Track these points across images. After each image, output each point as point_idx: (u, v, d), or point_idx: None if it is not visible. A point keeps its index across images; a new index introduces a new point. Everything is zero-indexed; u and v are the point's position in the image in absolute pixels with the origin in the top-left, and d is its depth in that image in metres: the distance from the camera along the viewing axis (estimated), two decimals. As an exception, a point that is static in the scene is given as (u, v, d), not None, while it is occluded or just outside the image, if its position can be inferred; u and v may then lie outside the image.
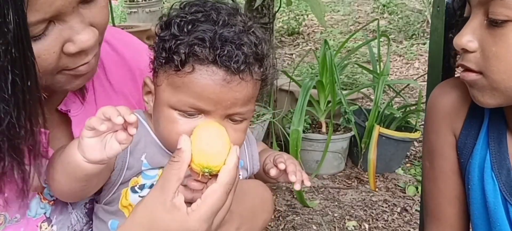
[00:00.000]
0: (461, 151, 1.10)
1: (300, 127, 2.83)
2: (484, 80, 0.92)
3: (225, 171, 0.83)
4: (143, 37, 4.08)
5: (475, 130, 1.08)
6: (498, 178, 1.02)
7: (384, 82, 3.39)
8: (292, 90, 3.60)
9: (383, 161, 3.32)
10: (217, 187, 0.82)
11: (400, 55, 5.82)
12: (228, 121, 0.90)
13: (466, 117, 1.09)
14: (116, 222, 0.94)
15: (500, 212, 1.02)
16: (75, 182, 0.84)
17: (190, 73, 0.85)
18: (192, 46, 0.84)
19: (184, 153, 0.82)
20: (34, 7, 0.72)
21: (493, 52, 0.89)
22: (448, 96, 1.11)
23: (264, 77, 0.92)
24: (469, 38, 0.92)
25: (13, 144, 0.76)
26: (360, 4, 7.75)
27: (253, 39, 0.88)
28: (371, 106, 3.56)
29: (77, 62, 0.84)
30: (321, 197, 3.24)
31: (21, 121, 0.75)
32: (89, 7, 0.82)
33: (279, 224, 2.95)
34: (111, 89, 1.07)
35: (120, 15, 7.60)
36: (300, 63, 4.85)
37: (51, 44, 0.79)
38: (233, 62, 0.84)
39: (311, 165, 3.43)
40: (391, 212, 3.09)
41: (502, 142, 1.03)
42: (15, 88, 0.72)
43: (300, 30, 6.81)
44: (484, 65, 0.91)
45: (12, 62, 0.71)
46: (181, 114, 0.88)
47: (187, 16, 0.88)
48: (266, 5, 3.41)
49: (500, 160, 1.03)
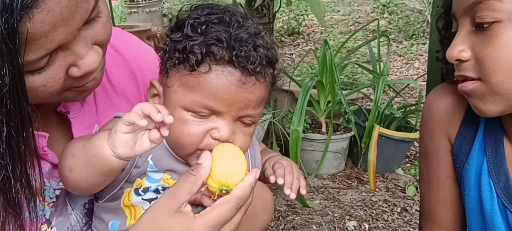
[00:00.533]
0: (457, 156, 1.10)
1: (300, 127, 2.82)
2: (483, 86, 0.92)
3: (240, 186, 0.84)
4: (143, 37, 4.08)
5: (470, 136, 1.08)
6: (496, 184, 1.02)
7: (384, 82, 3.39)
8: (292, 90, 3.60)
9: (383, 161, 3.32)
10: (228, 198, 0.83)
11: (400, 55, 5.82)
12: (239, 124, 0.90)
13: (461, 122, 1.09)
14: (117, 223, 0.94)
15: (497, 219, 1.02)
16: (97, 175, 0.84)
17: (205, 73, 0.85)
18: (209, 45, 0.84)
19: (203, 169, 0.83)
20: (34, 46, 0.71)
21: (486, 55, 0.90)
22: (443, 101, 1.11)
23: (275, 81, 0.93)
24: (461, 48, 0.93)
25: (8, 198, 0.74)
26: (360, 4, 7.75)
27: (266, 43, 0.89)
28: (371, 106, 3.56)
29: (83, 81, 0.84)
30: (321, 197, 3.24)
31: (17, 174, 0.73)
32: (91, 27, 0.80)
33: (279, 224, 2.95)
34: (112, 90, 1.07)
35: (120, 15, 7.59)
36: (300, 63, 4.85)
37: (55, 72, 0.78)
38: (249, 63, 0.85)
39: (311, 165, 3.43)
40: (391, 212, 3.09)
41: (499, 148, 1.03)
42: (11, 141, 0.71)
43: (300, 30, 6.80)
44: (481, 70, 0.91)
45: (7, 114, 0.69)
46: (194, 115, 0.88)
47: (200, 17, 0.88)
48: (266, 5, 3.41)
49: (498, 167, 1.02)
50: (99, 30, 0.82)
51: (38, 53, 0.72)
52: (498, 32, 0.88)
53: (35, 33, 0.70)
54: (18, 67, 0.68)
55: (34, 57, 0.72)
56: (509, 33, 0.88)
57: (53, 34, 0.72)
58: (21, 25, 0.67)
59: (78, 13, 0.74)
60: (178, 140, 0.89)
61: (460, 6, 0.93)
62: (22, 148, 0.73)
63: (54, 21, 0.71)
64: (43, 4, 0.69)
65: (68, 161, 0.85)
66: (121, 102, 1.07)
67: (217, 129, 0.87)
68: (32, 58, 0.72)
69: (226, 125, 0.87)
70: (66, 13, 0.72)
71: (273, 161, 1.04)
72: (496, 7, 0.87)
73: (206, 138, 0.88)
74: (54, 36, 0.72)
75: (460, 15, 0.94)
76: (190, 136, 0.87)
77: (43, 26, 0.70)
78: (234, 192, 0.83)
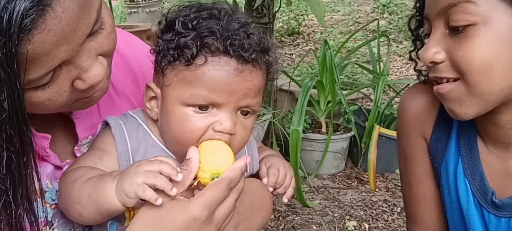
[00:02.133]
0: (433, 155, 1.10)
1: (300, 127, 2.82)
2: (462, 86, 0.91)
3: (230, 169, 0.85)
4: (143, 37, 4.07)
5: (445, 135, 1.08)
6: (471, 183, 1.03)
7: (384, 82, 3.39)
8: (292, 90, 3.60)
9: (383, 161, 3.32)
10: (220, 179, 0.84)
11: (400, 55, 5.82)
12: (239, 115, 0.91)
13: (435, 121, 1.09)
14: (115, 224, 0.94)
15: (473, 218, 1.03)
16: (103, 216, 0.85)
17: (202, 66, 0.85)
18: (202, 38, 0.85)
19: (193, 163, 0.84)
20: (36, 66, 0.70)
21: (460, 56, 0.89)
22: (416, 101, 1.11)
23: (271, 69, 0.93)
24: (435, 50, 0.92)
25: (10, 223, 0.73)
26: (360, 4, 7.75)
27: (257, 31, 0.90)
28: (371, 106, 3.56)
29: (89, 92, 0.83)
30: (321, 197, 3.24)
31: (18, 199, 0.72)
32: (95, 39, 0.79)
33: (279, 224, 2.95)
34: (114, 91, 1.07)
35: (120, 15, 7.60)
36: (300, 63, 4.85)
37: (60, 86, 0.77)
38: (244, 50, 0.85)
39: (311, 165, 3.43)
40: (391, 212, 3.09)
41: (473, 147, 1.03)
42: (11, 165, 0.70)
43: (300, 30, 6.80)
44: (457, 71, 0.91)
45: (7, 140, 0.68)
46: (195, 110, 0.88)
47: (190, 14, 0.89)
48: (266, 5, 3.41)
49: (472, 166, 1.03)
50: (103, 41, 0.80)
51: (40, 71, 0.71)
52: (472, 34, 0.88)
53: (36, 54, 0.68)
54: (17, 92, 0.66)
55: (37, 76, 0.71)
56: (483, 35, 0.87)
57: (54, 53, 0.70)
58: (21, 47, 0.65)
59: (79, 29, 0.72)
60: (181, 138, 0.89)
61: (434, 8, 0.92)
62: (23, 172, 0.72)
63: (55, 40, 0.69)
64: (43, 25, 0.67)
65: (76, 207, 0.85)
66: (122, 102, 1.07)
67: (219, 121, 0.88)
68: (35, 77, 0.71)
69: (228, 117, 0.88)
70: (67, 30, 0.70)
71: (269, 163, 1.04)
72: (471, 10, 0.87)
73: (208, 131, 0.88)
74: (55, 55, 0.71)
75: (434, 18, 0.93)
76: (193, 133, 0.87)
77: (44, 46, 0.68)
78: (225, 173, 0.84)
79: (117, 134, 0.92)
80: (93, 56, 0.79)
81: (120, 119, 0.95)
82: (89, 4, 0.73)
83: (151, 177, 0.78)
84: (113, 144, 0.92)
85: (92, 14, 0.74)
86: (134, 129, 0.94)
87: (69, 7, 0.69)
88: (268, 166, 1.03)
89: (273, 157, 1.07)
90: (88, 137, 0.99)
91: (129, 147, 0.92)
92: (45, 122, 0.86)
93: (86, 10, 0.73)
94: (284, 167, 1.04)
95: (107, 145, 0.92)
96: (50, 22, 0.67)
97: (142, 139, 0.93)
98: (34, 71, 0.70)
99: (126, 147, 0.92)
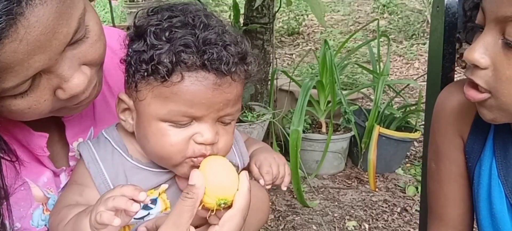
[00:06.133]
0: (469, 155, 1.08)
1: (300, 127, 2.82)
2: (493, 101, 0.88)
3: (240, 196, 0.82)
4: (143, 37, 4.06)
5: (482, 135, 1.06)
6: (504, 185, 1.01)
7: (384, 82, 3.39)
8: (292, 90, 3.60)
9: (383, 161, 3.32)
10: (235, 212, 0.82)
11: (400, 55, 5.82)
12: (220, 124, 0.88)
13: (473, 121, 1.06)
14: None
15: (505, 220, 1.02)
16: None
17: (179, 82, 0.81)
18: (178, 53, 0.80)
19: (198, 190, 0.80)
20: (9, 75, 0.68)
21: (506, 76, 0.84)
22: (455, 98, 1.08)
23: (249, 74, 0.89)
24: (482, 54, 0.86)
25: None
26: (360, 4, 7.74)
27: (233, 38, 0.86)
28: (371, 106, 3.56)
29: (73, 101, 0.81)
30: (321, 197, 3.24)
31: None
32: (78, 47, 0.77)
33: (279, 224, 2.94)
34: (109, 91, 1.06)
35: (120, 15, 7.60)
36: (300, 63, 4.85)
37: (40, 95, 0.75)
38: (223, 64, 0.81)
39: (311, 165, 3.43)
40: (391, 212, 3.08)
41: (507, 149, 1.01)
42: None
43: (300, 30, 6.80)
44: (495, 87, 0.86)
45: None
46: (173, 125, 0.84)
47: (162, 22, 0.84)
48: (266, 5, 3.41)
49: (506, 167, 1.01)
50: (87, 50, 0.78)
51: (14, 80, 0.69)
52: None
53: (8, 63, 0.66)
54: None
55: (11, 85, 0.69)
56: None
57: (28, 62, 0.68)
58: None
59: (56, 38, 0.70)
60: (162, 153, 0.86)
61: (494, 11, 0.84)
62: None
63: (28, 50, 0.67)
64: (15, 34, 0.65)
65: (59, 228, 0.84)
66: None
67: (200, 133, 0.85)
68: (9, 86, 0.69)
69: (208, 128, 0.85)
70: (42, 40, 0.68)
71: (259, 162, 1.01)
72: None
73: (191, 144, 0.85)
74: (30, 64, 0.69)
75: (491, 20, 0.86)
76: (173, 146, 0.84)
77: (16, 55, 0.66)
78: (237, 203, 0.82)
79: (91, 167, 0.88)
80: (75, 65, 0.77)
81: (93, 146, 0.91)
82: (68, 13, 0.71)
83: (110, 201, 0.75)
84: (90, 176, 0.88)
85: (71, 23, 0.72)
86: (108, 154, 0.90)
87: (43, 16, 0.67)
88: (259, 165, 1.00)
89: (261, 153, 1.04)
90: (78, 140, 0.97)
91: (107, 177, 0.88)
92: (41, 122, 0.86)
93: (64, 19, 0.71)
94: (275, 160, 1.01)
95: (84, 178, 0.89)
96: (22, 31, 0.66)
97: (118, 164, 0.90)
98: (9, 80, 0.69)
99: (104, 177, 0.88)
